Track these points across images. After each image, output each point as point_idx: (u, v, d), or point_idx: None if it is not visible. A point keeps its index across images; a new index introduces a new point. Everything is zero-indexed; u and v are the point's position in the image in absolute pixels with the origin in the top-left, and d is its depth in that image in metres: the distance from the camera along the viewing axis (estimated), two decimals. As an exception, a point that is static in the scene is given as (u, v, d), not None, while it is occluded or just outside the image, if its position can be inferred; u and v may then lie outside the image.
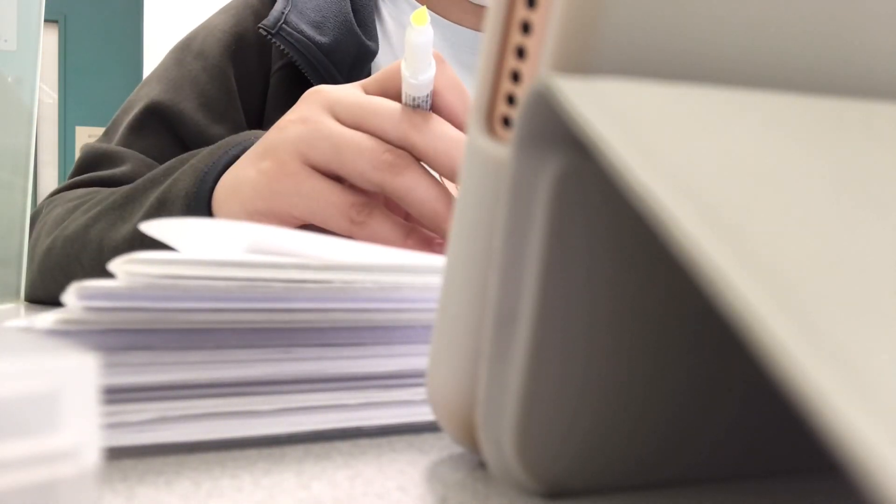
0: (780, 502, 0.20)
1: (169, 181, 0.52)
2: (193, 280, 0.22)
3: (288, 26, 0.65)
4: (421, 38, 0.38)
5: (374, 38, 0.71)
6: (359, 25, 0.70)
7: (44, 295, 0.64)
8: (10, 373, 0.13)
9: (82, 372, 0.13)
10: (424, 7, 0.38)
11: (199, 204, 0.49)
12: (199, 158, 0.51)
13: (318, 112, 0.43)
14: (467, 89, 0.69)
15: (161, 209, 0.51)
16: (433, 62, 0.40)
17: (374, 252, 0.27)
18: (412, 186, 0.41)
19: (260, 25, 0.66)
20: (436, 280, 0.26)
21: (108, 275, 0.22)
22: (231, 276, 0.22)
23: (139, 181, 0.56)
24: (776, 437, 0.21)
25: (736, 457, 0.21)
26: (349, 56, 0.68)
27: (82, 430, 0.13)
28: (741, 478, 0.21)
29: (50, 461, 0.13)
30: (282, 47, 0.65)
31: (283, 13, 0.66)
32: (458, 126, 0.42)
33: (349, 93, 0.43)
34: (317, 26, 0.67)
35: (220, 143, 0.52)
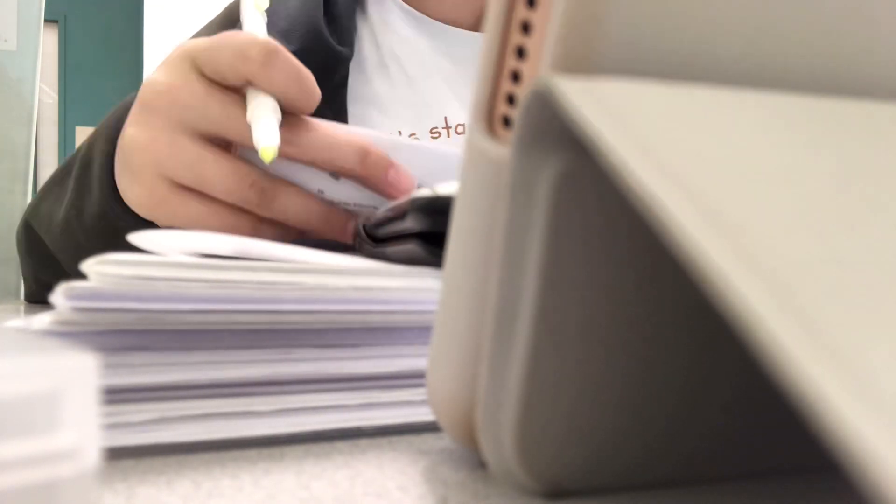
0: (780, 502, 0.20)
1: (90, 144, 0.51)
2: (164, 282, 0.22)
3: None
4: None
5: (349, 43, 0.70)
6: (334, 31, 0.68)
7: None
8: (10, 373, 0.13)
9: (82, 372, 0.13)
10: None
11: (106, 160, 0.48)
12: (109, 116, 0.50)
13: (185, 75, 0.42)
14: (457, 84, 0.68)
15: (85, 172, 0.50)
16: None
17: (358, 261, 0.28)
18: (284, 210, 0.42)
19: None
20: (417, 283, 0.26)
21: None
22: (201, 277, 0.22)
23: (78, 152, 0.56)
24: (776, 437, 0.21)
25: (735, 457, 0.21)
26: (317, 63, 0.67)
27: (82, 430, 0.13)
28: (741, 477, 0.21)
29: (50, 461, 0.13)
30: None
31: None
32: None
33: (210, 46, 0.42)
34: (284, 35, 0.66)
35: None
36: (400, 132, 0.70)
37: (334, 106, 0.68)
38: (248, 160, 0.41)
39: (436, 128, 0.70)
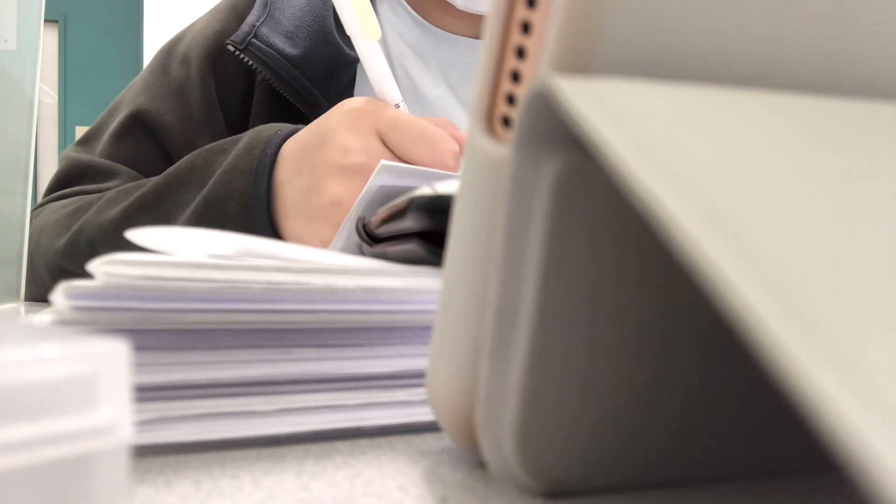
0: (780, 502, 0.20)
1: (211, 183, 0.54)
2: (172, 282, 0.22)
3: (258, 40, 0.64)
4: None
5: None
6: (342, 31, 0.68)
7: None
8: (52, 356, 0.14)
9: (116, 356, 0.15)
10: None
11: (258, 203, 0.51)
12: (236, 157, 0.53)
13: (375, 143, 0.49)
14: (460, 91, 0.71)
15: (210, 209, 0.53)
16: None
17: (353, 259, 0.28)
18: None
19: (228, 41, 0.65)
20: (419, 283, 0.26)
21: None
22: (210, 277, 0.22)
23: (159, 183, 0.57)
24: (776, 437, 0.21)
25: (736, 457, 0.21)
26: (323, 66, 0.66)
27: (116, 408, 0.15)
28: (741, 478, 0.21)
29: (88, 436, 0.14)
30: (250, 62, 0.64)
31: (253, 26, 0.65)
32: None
33: (402, 119, 0.49)
34: (290, 37, 0.65)
35: (246, 139, 0.54)
36: None
37: None
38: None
39: None
